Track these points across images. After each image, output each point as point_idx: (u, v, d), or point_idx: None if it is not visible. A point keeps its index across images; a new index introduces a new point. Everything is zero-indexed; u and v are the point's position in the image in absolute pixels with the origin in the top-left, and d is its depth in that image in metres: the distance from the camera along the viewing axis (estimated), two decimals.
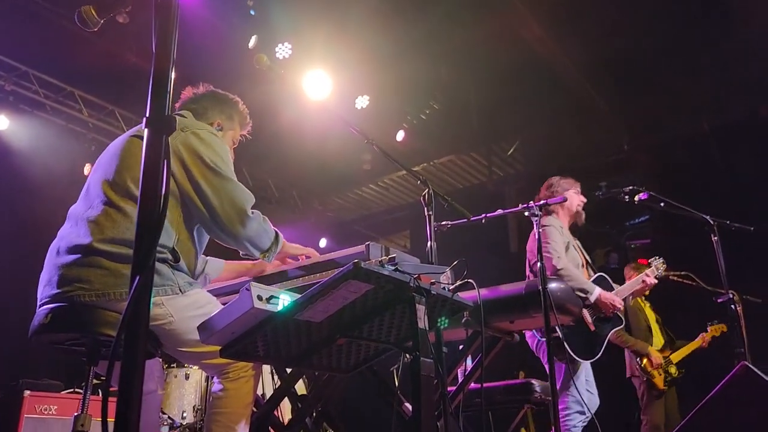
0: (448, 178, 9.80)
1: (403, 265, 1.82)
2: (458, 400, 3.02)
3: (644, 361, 5.36)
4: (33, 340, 2.19)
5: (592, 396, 3.92)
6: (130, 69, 6.75)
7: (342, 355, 2.08)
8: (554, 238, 3.92)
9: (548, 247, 3.85)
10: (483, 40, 6.88)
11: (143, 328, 0.84)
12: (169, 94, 0.95)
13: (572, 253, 4.03)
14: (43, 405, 4.03)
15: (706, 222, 3.95)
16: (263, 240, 2.34)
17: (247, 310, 1.68)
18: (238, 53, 6.46)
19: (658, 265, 4.61)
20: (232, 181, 2.28)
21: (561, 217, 4.19)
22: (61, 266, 2.15)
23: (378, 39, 6.64)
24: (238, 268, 2.80)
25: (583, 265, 4.14)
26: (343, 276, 1.60)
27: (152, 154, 0.91)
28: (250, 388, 2.27)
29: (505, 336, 3.10)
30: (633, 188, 4.11)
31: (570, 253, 4.01)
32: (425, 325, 1.73)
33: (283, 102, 7.37)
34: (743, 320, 4.08)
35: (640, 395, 5.48)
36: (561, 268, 3.77)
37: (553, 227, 4.00)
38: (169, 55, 0.94)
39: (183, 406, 4.90)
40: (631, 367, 5.52)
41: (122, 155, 2.31)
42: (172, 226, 2.21)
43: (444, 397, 2.14)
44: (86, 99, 7.29)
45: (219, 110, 2.61)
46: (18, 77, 6.74)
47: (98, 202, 2.22)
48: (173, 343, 2.20)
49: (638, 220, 9.07)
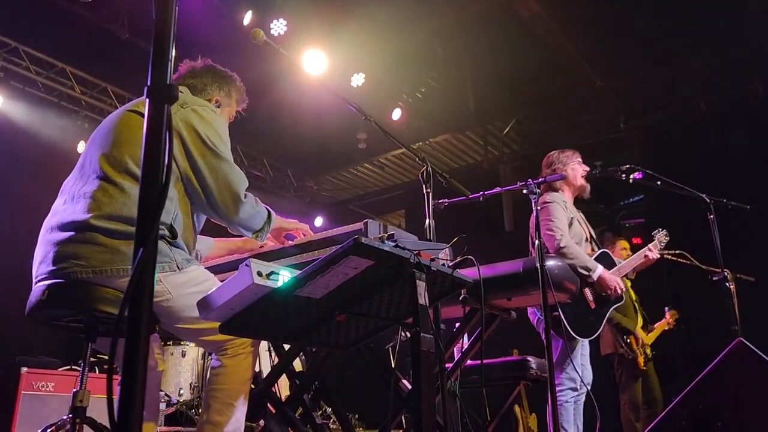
0: (443, 158, 9.78)
1: (403, 241, 1.81)
2: (455, 376, 3.03)
3: (631, 339, 5.40)
4: (30, 317, 2.18)
5: (585, 370, 3.94)
6: (122, 45, 6.67)
7: (341, 332, 2.09)
8: (557, 214, 3.86)
9: (551, 225, 3.81)
10: (479, 18, 6.82)
11: (147, 302, 0.83)
12: (171, 62, 0.93)
13: (576, 228, 3.99)
14: (41, 382, 4.03)
15: (703, 200, 3.95)
16: (256, 221, 2.36)
17: (247, 286, 1.67)
18: (232, 30, 6.39)
19: (661, 238, 4.50)
20: (228, 162, 2.27)
21: (565, 192, 4.12)
22: (57, 243, 2.13)
23: (374, 16, 6.56)
24: (228, 245, 2.81)
25: (587, 239, 4.09)
26: (344, 252, 1.59)
27: (154, 124, 0.89)
28: (249, 364, 2.28)
29: (503, 313, 3.11)
30: (629, 167, 4.09)
31: (574, 228, 3.96)
32: (425, 301, 1.73)
33: (279, 80, 7.32)
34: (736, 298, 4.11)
35: (619, 375, 5.51)
36: (564, 246, 3.74)
37: (555, 203, 3.93)
38: (170, 21, 0.92)
39: (180, 384, 4.92)
40: (613, 345, 5.53)
41: (119, 130, 2.28)
42: (171, 203, 2.20)
43: (442, 374, 2.14)
44: (78, 76, 7.21)
45: (218, 86, 2.59)
46: (8, 53, 6.65)
47: (94, 177, 2.19)
48: (171, 319, 2.20)
49: (632, 200, 9.10)
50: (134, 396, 0.86)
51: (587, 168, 4.21)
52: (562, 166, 4.09)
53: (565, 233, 3.82)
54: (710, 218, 3.93)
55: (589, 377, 3.96)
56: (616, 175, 4.04)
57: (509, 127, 8.90)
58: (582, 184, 4.18)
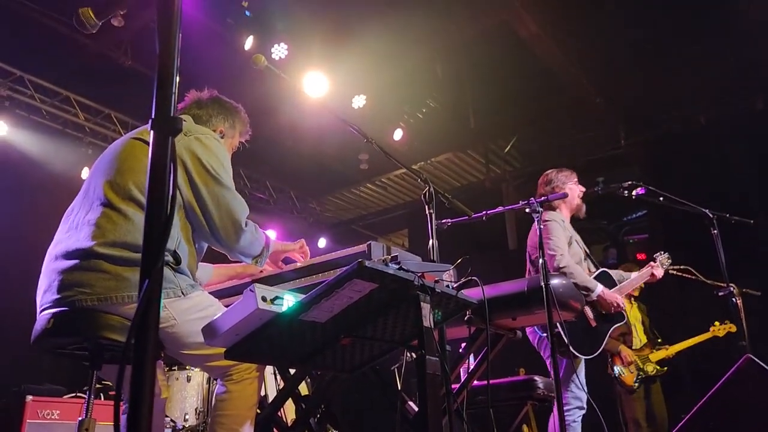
0: (445, 177, 9.80)
1: (407, 263, 1.82)
2: (462, 397, 3.01)
3: (615, 359, 5.44)
4: (36, 346, 2.18)
5: None
6: (125, 72, 6.74)
7: (346, 355, 2.08)
8: (556, 233, 3.88)
9: (550, 244, 3.81)
10: (479, 38, 6.88)
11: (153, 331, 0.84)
12: (174, 95, 0.94)
13: (575, 248, 4.01)
14: (46, 410, 4.02)
15: (706, 216, 3.95)
16: (255, 248, 2.38)
17: (252, 311, 1.67)
18: (234, 54, 6.46)
19: (663, 261, 4.52)
20: (231, 190, 2.29)
21: (563, 211, 4.15)
22: (62, 271, 2.13)
23: (373, 38, 6.64)
24: (228, 271, 2.83)
25: (585, 257, 4.11)
26: (348, 275, 1.60)
27: (158, 156, 0.90)
28: (254, 389, 2.27)
29: (508, 333, 3.10)
30: (631, 183, 4.11)
31: (573, 248, 3.98)
32: (430, 324, 1.73)
33: (280, 102, 7.37)
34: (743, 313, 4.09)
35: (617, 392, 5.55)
36: (564, 266, 3.74)
37: (555, 222, 3.95)
38: (173, 54, 0.94)
39: (185, 409, 4.89)
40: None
41: (123, 157, 2.30)
42: (174, 229, 2.21)
43: (448, 395, 2.13)
44: (82, 103, 7.28)
45: (223, 118, 2.62)
46: (13, 82, 6.72)
47: (98, 204, 2.20)
48: (176, 345, 2.19)
49: (636, 215, 9.10)
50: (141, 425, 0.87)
51: (584, 189, 4.25)
52: (562, 185, 4.11)
53: (564, 253, 3.82)
54: (714, 233, 3.93)
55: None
56: (619, 191, 4.06)
57: (510, 145, 8.93)
58: (579, 203, 4.22)
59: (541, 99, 7.88)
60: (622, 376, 5.43)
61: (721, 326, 5.52)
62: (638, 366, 5.47)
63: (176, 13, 0.96)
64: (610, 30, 6.80)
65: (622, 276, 4.30)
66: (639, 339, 5.67)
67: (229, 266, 2.82)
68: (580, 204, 4.23)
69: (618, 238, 9.21)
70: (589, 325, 3.78)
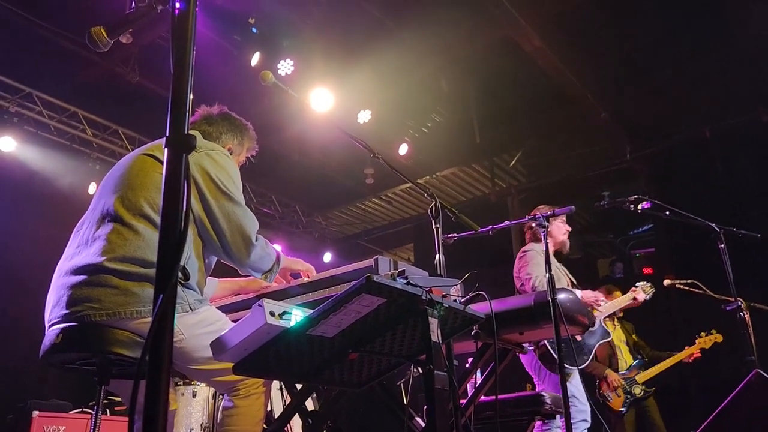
0: (451, 191, 9.82)
1: (414, 278, 1.82)
2: (469, 412, 3.00)
3: (601, 384, 5.46)
4: (44, 361, 2.19)
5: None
6: (132, 88, 6.81)
7: (354, 370, 2.08)
8: (534, 261, 4.10)
9: (527, 269, 4.06)
10: (483, 53, 6.93)
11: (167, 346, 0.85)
12: (188, 114, 0.96)
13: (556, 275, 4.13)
14: (52, 425, 4.02)
15: (712, 230, 3.94)
16: (265, 263, 2.40)
17: (260, 326, 1.67)
18: (240, 70, 6.51)
19: (645, 288, 4.75)
20: (241, 206, 2.31)
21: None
22: (71, 286, 2.14)
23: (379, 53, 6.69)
24: (233, 286, 2.84)
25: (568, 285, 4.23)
26: (356, 290, 1.60)
27: (173, 173, 0.92)
28: (261, 405, 2.26)
29: (515, 348, 3.09)
30: (637, 197, 4.12)
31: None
32: (438, 338, 1.73)
33: (286, 117, 7.42)
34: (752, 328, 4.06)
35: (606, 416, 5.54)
36: (536, 285, 3.95)
37: (534, 251, 4.19)
38: (187, 73, 0.95)
39: (191, 424, 4.87)
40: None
41: (134, 173, 2.32)
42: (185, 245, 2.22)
43: (456, 411, 2.13)
44: (89, 119, 7.34)
45: (232, 135, 2.66)
46: (22, 99, 6.79)
47: (108, 220, 2.22)
48: (184, 360, 2.20)
49: (642, 229, 9.07)
50: None
51: (569, 228, 4.50)
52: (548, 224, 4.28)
53: (540, 276, 3.97)
54: (721, 247, 3.92)
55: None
56: (624, 205, 4.07)
57: (515, 159, 8.95)
58: (563, 240, 4.44)
59: (546, 113, 7.91)
60: (609, 401, 5.44)
61: (707, 337, 5.48)
62: (626, 389, 5.45)
63: (190, 34, 0.98)
64: (613, 44, 6.83)
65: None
66: (624, 360, 5.66)
67: (233, 281, 2.83)
68: (564, 240, 4.44)
69: (625, 252, 9.18)
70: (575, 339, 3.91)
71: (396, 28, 6.65)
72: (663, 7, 6.38)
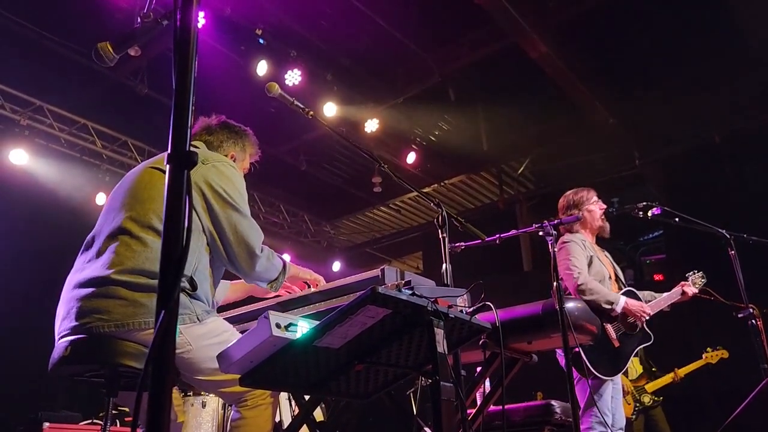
0: (459, 198, 9.81)
1: (420, 288, 1.82)
2: (478, 423, 2.98)
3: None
4: (53, 373, 2.20)
5: (617, 413, 3.82)
6: (141, 99, 6.87)
7: (360, 381, 2.07)
8: (575, 254, 3.83)
9: (568, 263, 3.77)
10: (489, 60, 6.93)
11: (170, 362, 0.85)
12: (190, 130, 0.97)
13: (597, 267, 3.93)
14: None
15: (723, 236, 3.90)
16: (270, 274, 2.41)
17: (266, 339, 1.67)
18: (247, 80, 6.55)
19: (696, 279, 4.35)
20: (247, 217, 2.33)
21: (584, 233, 4.09)
22: (80, 299, 2.15)
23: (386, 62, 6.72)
24: (244, 286, 2.85)
25: (611, 277, 4.01)
26: (361, 301, 1.60)
27: (175, 189, 0.92)
28: (269, 416, 2.26)
29: (523, 357, 3.07)
30: (646, 204, 4.05)
31: (594, 267, 3.91)
32: (444, 349, 1.72)
33: (294, 127, 7.45)
34: (765, 335, 4.00)
35: None
36: (582, 283, 3.69)
37: (573, 242, 3.91)
38: (189, 90, 0.96)
39: None
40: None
41: (142, 186, 2.34)
42: (192, 255, 2.23)
43: (464, 422, 2.12)
44: (99, 130, 7.41)
45: (233, 142, 2.67)
46: (33, 112, 6.87)
47: (117, 233, 2.23)
48: (191, 371, 2.20)
49: (652, 235, 9.01)
50: None
51: (604, 206, 4.15)
52: (578, 211, 4.05)
53: (583, 271, 3.77)
54: (731, 254, 3.88)
55: (621, 421, 3.82)
56: (634, 212, 3.99)
57: (523, 166, 8.93)
58: (600, 224, 4.13)
59: (553, 120, 7.89)
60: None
61: (714, 353, 5.45)
62: (635, 397, 5.41)
63: (192, 50, 0.99)
64: (619, 50, 6.82)
65: (653, 296, 4.18)
66: (635, 369, 5.62)
67: (245, 282, 2.83)
68: (602, 225, 4.13)
69: (635, 258, 9.12)
70: (613, 345, 3.73)
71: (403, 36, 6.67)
72: (671, 12, 6.36)
